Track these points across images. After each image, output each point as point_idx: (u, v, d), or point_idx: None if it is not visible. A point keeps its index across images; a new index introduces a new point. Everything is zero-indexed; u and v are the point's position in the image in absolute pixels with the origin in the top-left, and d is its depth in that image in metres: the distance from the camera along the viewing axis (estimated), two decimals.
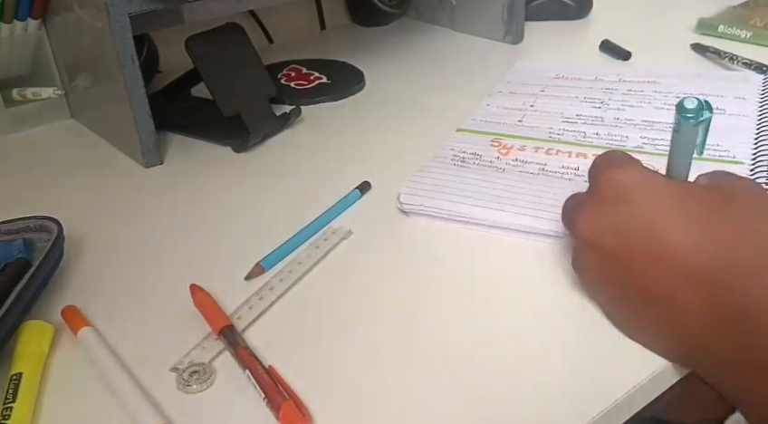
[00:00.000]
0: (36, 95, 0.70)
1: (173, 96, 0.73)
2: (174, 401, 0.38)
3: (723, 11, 0.93)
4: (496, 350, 0.41)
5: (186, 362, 0.40)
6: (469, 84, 0.78)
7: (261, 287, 0.46)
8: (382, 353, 0.41)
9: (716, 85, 0.70)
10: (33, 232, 0.50)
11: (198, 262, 0.50)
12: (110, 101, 0.64)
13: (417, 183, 0.55)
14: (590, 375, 0.39)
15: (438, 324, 0.43)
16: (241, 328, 0.43)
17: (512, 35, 0.89)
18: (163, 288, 0.47)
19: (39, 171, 0.64)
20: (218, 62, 0.65)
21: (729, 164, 0.56)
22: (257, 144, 0.66)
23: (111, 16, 0.57)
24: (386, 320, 0.44)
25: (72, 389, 0.40)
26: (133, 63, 0.59)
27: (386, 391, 0.38)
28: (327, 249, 0.50)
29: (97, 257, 0.51)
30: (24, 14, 0.66)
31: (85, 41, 0.63)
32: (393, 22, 1.00)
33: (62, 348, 0.43)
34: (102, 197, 0.59)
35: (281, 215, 0.55)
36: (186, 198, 0.59)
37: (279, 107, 0.72)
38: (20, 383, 0.38)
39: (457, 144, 0.61)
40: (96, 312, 0.45)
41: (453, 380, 0.39)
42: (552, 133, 0.63)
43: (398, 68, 0.84)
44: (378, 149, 0.65)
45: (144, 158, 0.63)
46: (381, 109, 0.74)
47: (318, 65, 0.83)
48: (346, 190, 0.56)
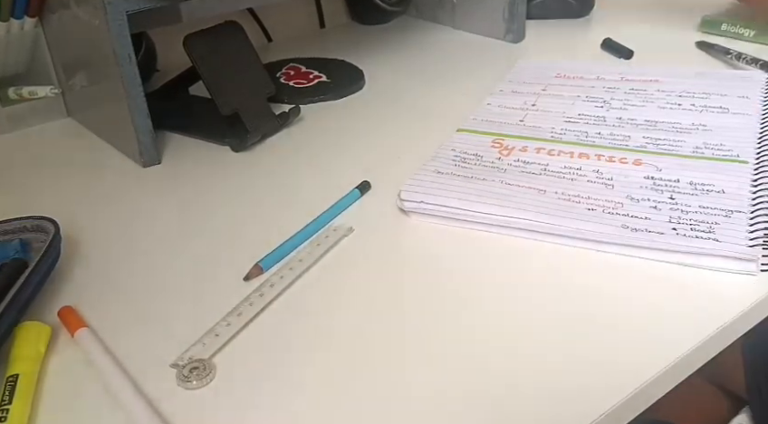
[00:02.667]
0: (33, 94, 0.69)
1: (171, 95, 0.73)
2: (174, 397, 0.38)
3: (726, 8, 0.93)
4: (496, 349, 0.41)
5: (185, 358, 0.40)
6: (470, 83, 0.78)
7: (261, 284, 0.46)
8: (382, 352, 0.41)
9: (720, 84, 0.70)
10: (30, 232, 0.50)
11: (197, 261, 0.50)
12: (108, 100, 0.64)
13: (417, 182, 0.55)
14: (592, 376, 0.39)
15: (438, 322, 0.43)
16: (241, 324, 0.43)
17: (513, 34, 0.89)
18: (161, 288, 0.47)
19: (35, 171, 0.64)
20: (217, 60, 0.65)
21: (732, 163, 0.55)
22: (256, 143, 0.66)
23: (109, 14, 0.57)
24: (386, 318, 0.43)
25: (69, 390, 0.39)
26: (131, 62, 0.59)
27: (385, 391, 0.38)
28: (328, 246, 0.50)
29: (94, 257, 0.51)
30: (20, 12, 0.66)
31: (82, 39, 0.63)
32: (393, 20, 1.00)
33: (59, 349, 0.42)
34: (99, 197, 0.59)
35: (280, 214, 0.55)
36: (184, 198, 0.58)
37: (278, 106, 0.72)
38: (16, 385, 0.38)
39: (458, 144, 0.61)
40: (94, 312, 0.45)
41: (452, 378, 0.39)
42: (553, 133, 0.62)
43: (398, 66, 0.84)
44: (378, 148, 0.65)
45: (141, 157, 0.63)
46: (381, 107, 0.74)
47: (317, 64, 0.83)
48: (345, 190, 0.56)
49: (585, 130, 0.62)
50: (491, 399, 0.37)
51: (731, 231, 0.47)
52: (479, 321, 0.43)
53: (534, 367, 0.39)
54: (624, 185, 0.53)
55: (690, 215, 0.49)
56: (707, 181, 0.53)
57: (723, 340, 0.42)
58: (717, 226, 0.47)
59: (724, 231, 0.47)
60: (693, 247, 0.46)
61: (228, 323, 0.43)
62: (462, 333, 0.42)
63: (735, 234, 0.47)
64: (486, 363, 0.40)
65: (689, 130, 0.61)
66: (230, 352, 0.41)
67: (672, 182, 0.53)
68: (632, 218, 0.49)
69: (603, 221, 0.49)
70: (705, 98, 0.67)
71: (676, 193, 0.52)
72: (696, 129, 0.61)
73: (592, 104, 0.68)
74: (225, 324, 0.43)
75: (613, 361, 0.39)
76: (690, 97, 0.68)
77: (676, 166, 0.55)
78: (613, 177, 0.54)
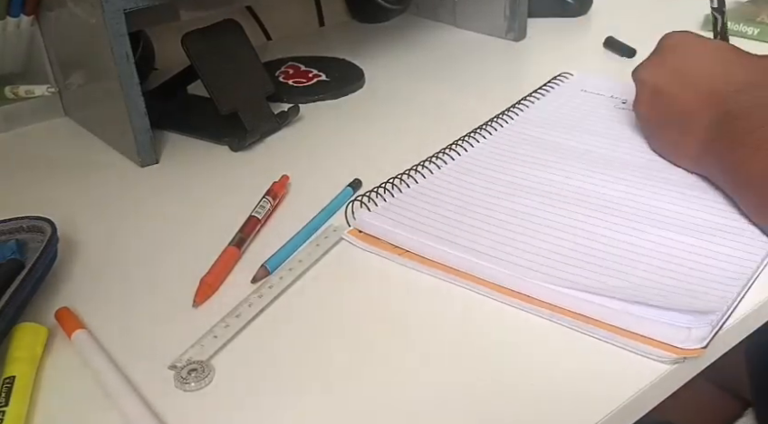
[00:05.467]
0: (29, 93, 0.69)
1: (169, 94, 0.72)
2: (172, 399, 0.38)
3: (729, 7, 0.92)
4: (497, 351, 0.40)
5: (184, 360, 0.40)
6: (471, 82, 0.77)
7: (260, 285, 0.46)
8: (382, 352, 0.41)
9: None
10: (27, 232, 0.49)
11: (196, 262, 0.49)
12: (105, 99, 0.63)
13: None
14: (594, 378, 0.38)
15: (441, 320, 0.43)
16: (240, 326, 0.43)
17: (514, 32, 0.88)
18: (159, 288, 0.47)
19: (32, 170, 0.63)
20: (215, 59, 0.65)
21: None
22: (255, 143, 0.66)
23: (106, 12, 0.56)
24: (387, 318, 0.43)
25: (66, 392, 0.39)
26: (128, 61, 0.58)
27: (386, 391, 0.38)
28: (327, 247, 0.50)
29: (91, 258, 0.51)
30: (16, 11, 0.65)
31: (79, 37, 0.62)
32: (393, 18, 0.99)
33: (56, 351, 0.42)
34: (97, 197, 0.58)
35: (280, 214, 0.55)
36: (182, 198, 0.58)
37: (277, 105, 0.71)
38: (13, 387, 0.38)
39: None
40: (91, 312, 0.44)
41: (456, 378, 0.38)
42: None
43: (398, 65, 0.83)
44: (378, 147, 0.65)
45: (139, 157, 0.62)
46: (381, 107, 0.73)
47: (317, 63, 0.83)
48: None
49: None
50: (490, 400, 0.37)
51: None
52: (480, 320, 0.43)
53: (541, 369, 0.39)
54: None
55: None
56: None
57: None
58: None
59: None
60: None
61: (227, 325, 0.43)
62: (462, 332, 0.42)
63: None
64: (487, 364, 0.39)
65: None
66: (229, 354, 0.41)
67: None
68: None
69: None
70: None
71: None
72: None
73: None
74: (224, 326, 0.42)
75: (618, 364, 0.39)
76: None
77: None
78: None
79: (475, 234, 0.49)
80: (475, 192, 0.54)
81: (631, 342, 0.40)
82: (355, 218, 0.51)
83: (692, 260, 0.46)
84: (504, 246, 0.47)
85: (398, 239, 0.49)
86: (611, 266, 0.45)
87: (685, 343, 0.39)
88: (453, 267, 0.46)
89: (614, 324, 0.41)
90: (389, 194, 0.54)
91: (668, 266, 0.45)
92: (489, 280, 0.45)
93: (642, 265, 0.45)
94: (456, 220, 0.51)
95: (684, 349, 0.39)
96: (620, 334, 0.40)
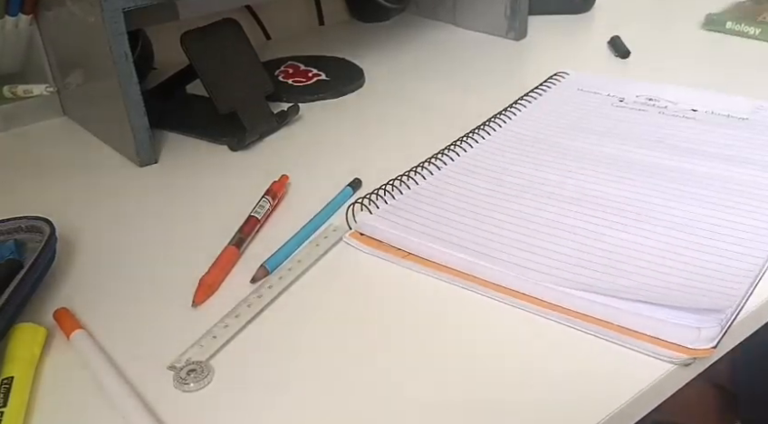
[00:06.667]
0: (28, 92, 0.69)
1: (168, 93, 0.72)
2: (171, 400, 0.38)
3: (731, 6, 0.92)
4: (499, 351, 0.40)
5: (183, 361, 0.40)
6: (471, 81, 0.77)
7: (260, 285, 0.46)
8: (382, 353, 0.40)
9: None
10: (25, 232, 0.49)
11: (195, 262, 0.49)
12: (104, 99, 0.63)
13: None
14: (595, 379, 0.38)
15: (441, 321, 0.43)
16: (239, 326, 0.42)
17: (515, 31, 0.88)
18: (158, 288, 0.47)
19: (31, 170, 0.63)
20: (214, 58, 0.65)
21: None
22: (254, 142, 0.66)
23: (105, 12, 0.56)
24: (387, 318, 0.43)
25: (65, 393, 0.39)
26: (127, 60, 0.58)
27: (386, 392, 0.38)
28: (327, 247, 0.50)
29: (90, 258, 0.50)
30: (15, 10, 0.65)
31: (78, 37, 0.62)
32: (393, 17, 0.99)
33: (55, 351, 0.42)
34: (96, 197, 0.58)
35: (279, 214, 0.54)
36: (181, 198, 0.58)
37: (276, 104, 0.71)
38: (11, 387, 0.38)
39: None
40: (90, 313, 0.44)
41: (453, 379, 0.38)
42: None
43: (398, 65, 0.83)
44: (377, 147, 0.65)
45: (138, 156, 0.62)
46: (381, 106, 0.73)
47: (316, 62, 0.82)
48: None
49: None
50: (490, 404, 0.37)
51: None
52: (479, 319, 0.43)
53: (541, 370, 0.39)
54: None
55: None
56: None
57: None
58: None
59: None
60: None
61: (226, 325, 0.42)
62: (461, 332, 0.42)
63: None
64: (487, 367, 0.39)
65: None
66: (228, 355, 0.41)
67: None
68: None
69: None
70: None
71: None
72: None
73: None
74: (223, 326, 0.42)
75: (619, 365, 0.39)
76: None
77: None
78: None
79: (479, 235, 0.49)
80: (477, 193, 0.54)
81: (641, 343, 0.40)
82: (356, 221, 0.51)
83: (698, 258, 0.46)
84: (510, 248, 0.47)
85: (400, 241, 0.49)
86: (617, 266, 0.45)
87: (695, 344, 0.39)
88: (456, 269, 0.46)
89: (622, 325, 0.41)
90: (390, 196, 0.54)
91: (675, 265, 0.45)
92: (495, 282, 0.45)
93: (648, 265, 0.45)
94: (459, 222, 0.50)
95: (694, 349, 0.39)
96: (630, 335, 0.40)
